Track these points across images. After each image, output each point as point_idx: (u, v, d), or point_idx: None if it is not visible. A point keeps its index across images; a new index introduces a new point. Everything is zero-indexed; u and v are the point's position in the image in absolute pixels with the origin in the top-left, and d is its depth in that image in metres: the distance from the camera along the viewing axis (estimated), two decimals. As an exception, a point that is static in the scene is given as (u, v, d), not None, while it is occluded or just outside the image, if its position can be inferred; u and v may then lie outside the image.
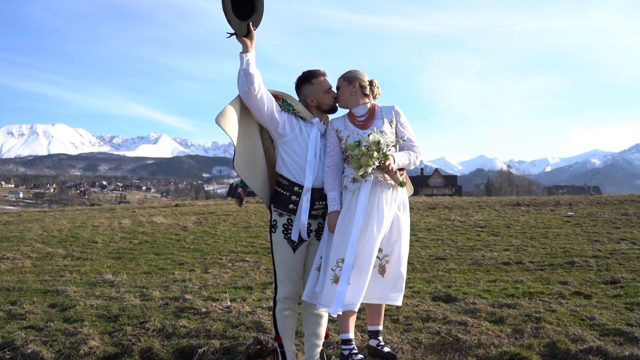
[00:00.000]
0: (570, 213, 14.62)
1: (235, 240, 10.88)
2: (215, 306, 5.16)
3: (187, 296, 5.67)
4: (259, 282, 6.66)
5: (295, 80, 3.59)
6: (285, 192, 3.44)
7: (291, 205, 3.42)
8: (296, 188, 3.41)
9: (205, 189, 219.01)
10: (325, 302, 3.16)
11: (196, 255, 9.15)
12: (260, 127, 3.55)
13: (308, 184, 3.38)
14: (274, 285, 3.52)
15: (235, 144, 3.33)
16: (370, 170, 3.16)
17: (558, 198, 21.86)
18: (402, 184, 3.30)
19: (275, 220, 3.46)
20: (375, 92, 3.52)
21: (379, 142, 3.12)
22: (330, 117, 3.63)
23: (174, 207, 21.36)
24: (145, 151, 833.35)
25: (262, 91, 3.31)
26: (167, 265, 8.18)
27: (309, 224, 3.43)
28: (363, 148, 3.13)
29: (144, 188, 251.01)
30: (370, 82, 3.50)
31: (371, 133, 3.20)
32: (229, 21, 3.21)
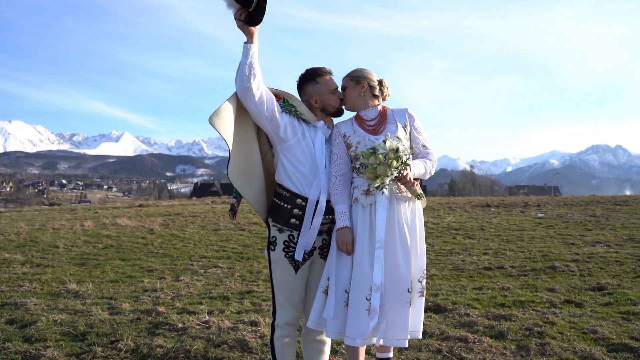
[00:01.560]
0: (540, 215, 14.72)
1: (206, 244, 10.44)
2: (193, 321, 4.78)
3: (160, 309, 5.25)
4: (235, 290, 6.29)
5: (297, 78, 3.20)
6: (286, 205, 3.03)
7: (293, 220, 3.01)
8: (299, 200, 3.00)
9: (169, 188, 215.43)
10: (353, 334, 2.84)
11: (165, 260, 8.69)
12: (258, 130, 3.14)
13: (313, 196, 2.99)
14: (272, 309, 3.13)
15: (230, 148, 2.91)
16: (387, 181, 2.79)
17: (526, 199, 22.10)
18: (419, 197, 2.95)
19: (274, 236, 3.06)
20: (385, 93, 3.18)
21: (397, 150, 2.75)
22: (335, 120, 3.27)
23: (137, 208, 20.67)
24: (106, 149, 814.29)
25: (262, 89, 2.92)
26: (135, 272, 7.72)
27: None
28: (380, 156, 2.74)
29: (105, 187, 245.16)
30: (380, 82, 3.14)
31: (387, 139, 2.82)
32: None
